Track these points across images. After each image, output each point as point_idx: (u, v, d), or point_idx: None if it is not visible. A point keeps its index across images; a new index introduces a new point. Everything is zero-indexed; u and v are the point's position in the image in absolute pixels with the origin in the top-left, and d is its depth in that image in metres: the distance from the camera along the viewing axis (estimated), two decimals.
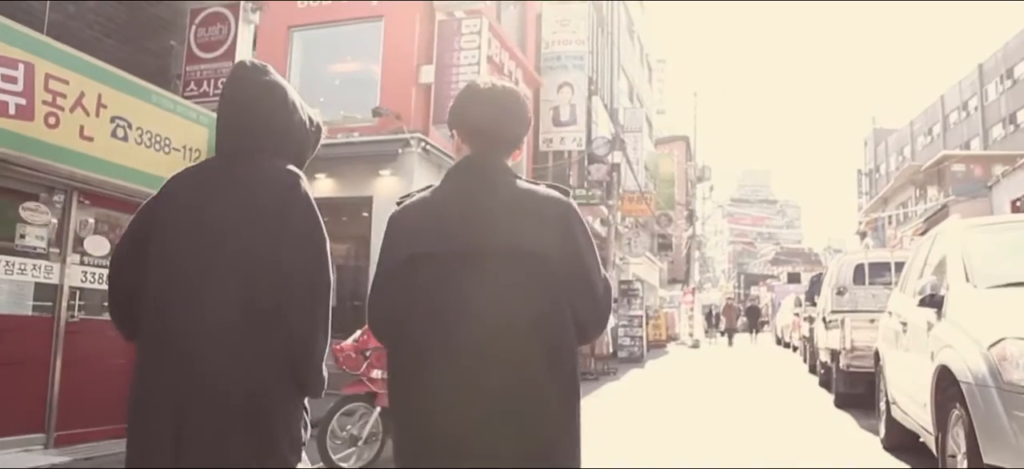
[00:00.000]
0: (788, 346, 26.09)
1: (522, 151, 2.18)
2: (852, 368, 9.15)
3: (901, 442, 6.29)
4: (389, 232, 2.06)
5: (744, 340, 33.92)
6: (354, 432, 5.88)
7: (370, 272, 9.68)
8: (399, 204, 2.12)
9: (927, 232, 8.63)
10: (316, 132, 2.36)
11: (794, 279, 41.93)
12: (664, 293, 39.62)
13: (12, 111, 5.43)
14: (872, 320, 8.49)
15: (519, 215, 1.96)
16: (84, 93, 5.96)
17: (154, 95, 6.66)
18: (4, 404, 5.81)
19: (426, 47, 12.93)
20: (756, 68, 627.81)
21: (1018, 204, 21.39)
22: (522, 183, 2.04)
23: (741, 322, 36.23)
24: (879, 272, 10.75)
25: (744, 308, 40.52)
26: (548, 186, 2.06)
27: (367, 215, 12.54)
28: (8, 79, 5.42)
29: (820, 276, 17.61)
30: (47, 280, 6.24)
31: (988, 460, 3.76)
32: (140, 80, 6.55)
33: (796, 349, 22.19)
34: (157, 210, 2.16)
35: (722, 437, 7.74)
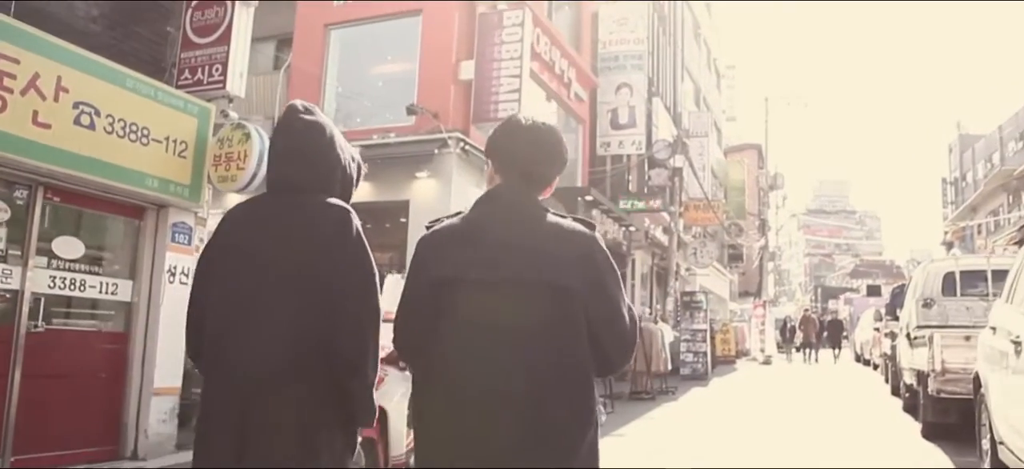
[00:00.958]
0: (867, 363, 24.48)
1: (553, 188, 2.24)
2: (943, 393, 7.86)
3: None
4: (417, 255, 2.12)
5: (826, 357, 31.83)
6: None
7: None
8: (428, 228, 2.16)
9: None
10: (358, 169, 2.53)
11: (874, 292, 39.52)
12: (735, 306, 37.95)
13: None
14: (967, 337, 7.33)
15: (545, 247, 2.00)
16: (39, 74, 5.25)
17: (130, 80, 5.94)
18: None
19: (466, 42, 12.30)
20: (833, 74, 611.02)
21: None
22: (550, 216, 2.08)
23: (823, 338, 33.95)
24: (973, 282, 9.58)
25: (826, 322, 37.90)
26: (574, 220, 2.10)
27: (404, 220, 11.87)
28: None
29: (902, 287, 16.08)
30: (5, 285, 5.51)
31: None
32: (112, 63, 5.84)
33: (876, 367, 20.70)
34: (215, 244, 2.35)
35: None
